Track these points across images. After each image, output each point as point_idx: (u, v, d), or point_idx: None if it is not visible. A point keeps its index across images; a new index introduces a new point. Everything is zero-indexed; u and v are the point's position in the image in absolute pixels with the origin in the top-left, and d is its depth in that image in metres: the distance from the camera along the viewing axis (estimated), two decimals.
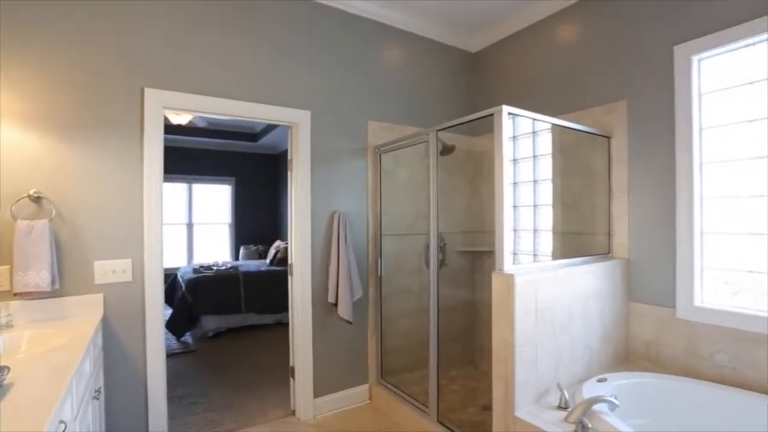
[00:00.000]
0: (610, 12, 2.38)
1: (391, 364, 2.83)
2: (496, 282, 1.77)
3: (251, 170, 7.38)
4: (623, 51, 2.31)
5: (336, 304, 2.54)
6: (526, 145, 2.91)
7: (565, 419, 1.69)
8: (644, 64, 2.22)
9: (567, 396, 1.81)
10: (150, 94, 2.05)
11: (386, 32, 2.90)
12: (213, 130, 6.26)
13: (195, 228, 6.92)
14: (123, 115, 2.00)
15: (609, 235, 2.35)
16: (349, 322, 2.53)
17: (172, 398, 2.77)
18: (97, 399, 1.68)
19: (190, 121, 4.67)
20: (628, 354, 2.30)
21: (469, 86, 3.33)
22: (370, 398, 2.79)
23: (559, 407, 1.80)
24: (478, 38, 3.23)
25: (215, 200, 7.14)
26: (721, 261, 1.99)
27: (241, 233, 7.24)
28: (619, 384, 1.97)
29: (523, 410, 1.78)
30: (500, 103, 1.76)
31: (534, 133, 2.84)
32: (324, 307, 2.61)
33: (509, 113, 1.78)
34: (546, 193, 2.72)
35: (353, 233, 2.71)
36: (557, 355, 1.93)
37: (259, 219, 7.40)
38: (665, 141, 2.13)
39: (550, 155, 2.68)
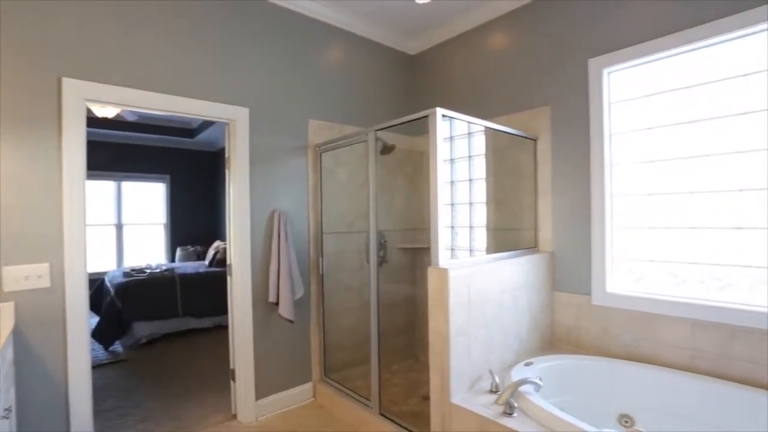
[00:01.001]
0: (536, 24, 2.57)
1: (334, 361, 2.86)
2: (431, 276, 1.87)
3: (187, 168, 7.03)
4: (547, 61, 2.51)
5: (277, 304, 2.52)
6: (462, 146, 3.06)
7: (495, 401, 1.82)
8: (565, 74, 2.42)
9: (498, 380, 1.94)
10: (69, 84, 1.91)
11: (328, 32, 2.91)
12: (145, 125, 5.88)
13: (125, 229, 6.47)
14: (38, 106, 1.85)
15: (536, 230, 2.55)
16: (291, 321, 2.53)
17: (99, 412, 2.60)
18: (7, 419, 1.54)
19: (118, 115, 4.37)
20: (553, 339, 2.50)
21: (409, 87, 3.43)
22: (314, 396, 2.80)
23: (491, 391, 1.93)
24: (417, 41, 3.34)
25: (148, 199, 6.72)
26: (628, 252, 2.23)
27: (177, 234, 6.88)
28: (543, 366, 2.15)
29: (459, 397, 1.89)
30: (438, 105, 1.85)
31: (470, 134, 2.99)
32: (265, 307, 2.58)
33: (443, 115, 1.88)
34: (481, 191, 2.88)
35: (294, 232, 2.70)
36: (489, 343, 2.07)
37: (196, 219, 7.08)
38: (582, 144, 2.34)
39: (484, 156, 2.84)
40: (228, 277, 2.55)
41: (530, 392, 1.82)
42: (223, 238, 6.32)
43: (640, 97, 2.17)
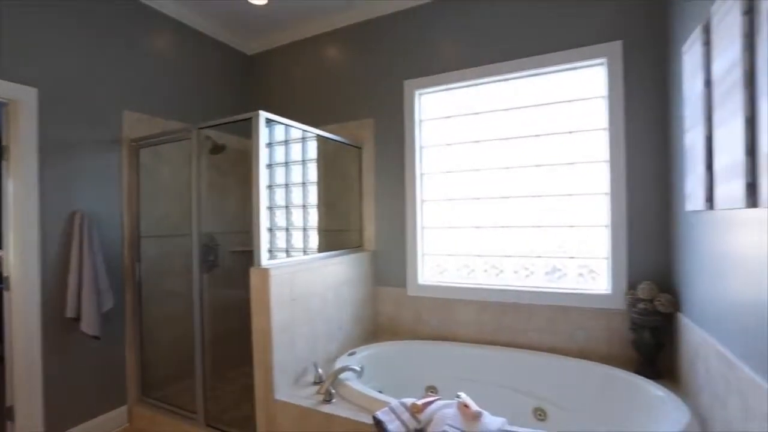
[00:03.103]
0: (364, 43, 2.82)
1: (156, 377, 2.61)
2: (253, 277, 1.89)
3: None
4: (373, 78, 2.78)
5: (78, 319, 2.19)
6: (297, 150, 3.14)
7: (317, 392, 1.94)
8: (386, 90, 2.72)
9: (321, 372, 2.07)
10: None
11: (155, 17, 2.65)
12: None
13: None
14: None
15: (361, 231, 2.79)
16: (97, 338, 2.22)
17: None
18: None
19: None
20: (376, 329, 2.77)
21: (245, 87, 3.36)
22: (130, 420, 2.50)
23: (315, 383, 2.05)
24: (255, 42, 3.29)
25: None
26: (434, 248, 2.64)
27: None
28: (366, 354, 2.37)
29: (283, 392, 1.95)
30: (275, 108, 1.88)
31: (304, 139, 3.09)
32: (61, 324, 2.20)
33: (267, 119, 1.92)
34: (313, 194, 3.01)
35: (103, 236, 2.38)
36: (314, 337, 2.19)
37: None
38: (399, 154, 2.67)
39: (316, 161, 2.97)
40: (5, 293, 2.10)
41: (350, 379, 2.00)
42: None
43: (442, 117, 2.60)
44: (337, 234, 2.86)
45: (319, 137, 2.93)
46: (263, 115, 1.88)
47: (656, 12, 2.03)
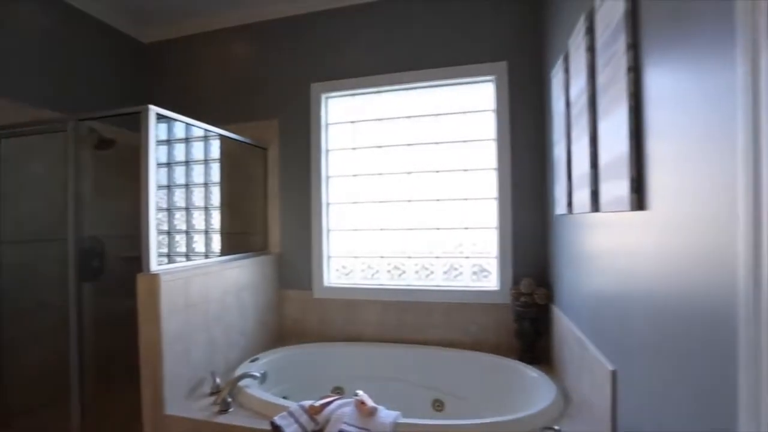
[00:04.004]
0: (273, 41, 2.75)
1: (20, 405, 2.26)
2: (141, 284, 1.75)
3: None
4: (280, 78, 2.73)
5: None
6: (199, 148, 2.96)
7: (214, 402, 1.85)
8: (293, 92, 2.69)
9: (218, 381, 1.98)
10: None
11: None
12: None
13: None
14: None
15: (266, 233, 2.73)
16: None
17: None
18: None
19: None
20: (282, 333, 2.72)
21: (139, 79, 3.08)
22: None
23: (212, 393, 1.95)
24: (152, 29, 3.02)
25: None
26: (339, 250, 2.67)
27: None
28: (269, 360, 2.32)
29: (175, 406, 1.82)
30: (173, 102, 1.75)
31: (206, 137, 2.93)
32: None
33: (158, 114, 1.79)
34: (216, 196, 2.86)
35: None
36: (212, 345, 2.08)
37: None
38: (305, 157, 2.66)
39: (219, 160, 2.83)
40: None
41: (250, 386, 1.94)
42: None
43: (348, 122, 2.65)
44: (240, 237, 2.76)
45: (222, 136, 2.80)
46: (153, 109, 1.75)
47: (535, 39, 2.30)
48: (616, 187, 1.08)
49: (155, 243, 1.76)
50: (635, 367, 1.07)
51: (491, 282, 2.40)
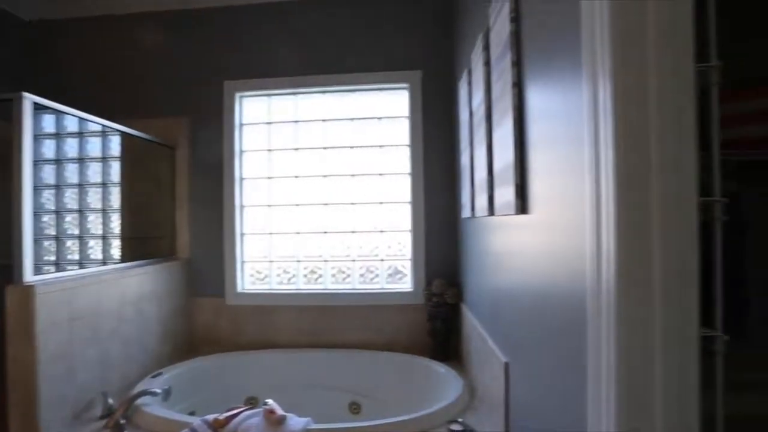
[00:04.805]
0: (187, 34, 2.57)
1: None
2: (10, 297, 1.53)
3: None
4: (192, 72, 2.56)
5: None
6: (96, 145, 2.68)
7: (105, 426, 1.68)
8: (206, 89, 2.55)
9: (111, 402, 1.79)
10: None
11: None
12: None
13: None
14: None
15: (174, 238, 2.54)
16: None
17: None
18: None
19: None
20: (192, 344, 2.55)
21: (20, 59, 2.69)
22: None
23: (103, 416, 1.77)
24: (37, 4, 2.66)
25: None
26: (254, 254, 2.57)
27: None
28: (175, 373, 2.16)
29: None
30: (63, 91, 1.54)
31: (104, 132, 2.66)
32: None
33: (38, 104, 1.59)
34: (115, 197, 2.61)
35: None
36: (105, 362, 1.89)
37: None
38: (218, 157, 2.53)
39: (119, 159, 2.59)
40: None
41: (149, 404, 1.79)
42: None
43: (264, 123, 2.57)
44: (145, 242, 2.54)
45: (123, 133, 2.57)
46: (29, 98, 1.55)
47: (447, 51, 2.42)
48: (505, 193, 1.17)
49: (30, 250, 1.56)
50: (523, 358, 1.16)
51: (406, 284, 2.46)
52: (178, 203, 2.54)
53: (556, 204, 0.88)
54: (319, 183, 2.53)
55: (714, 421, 0.92)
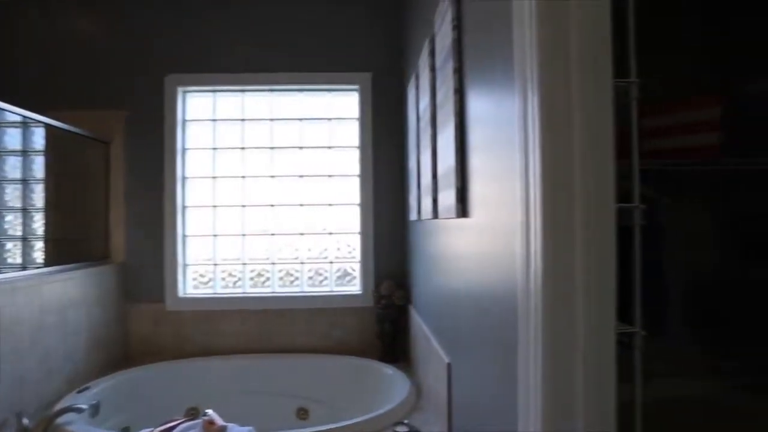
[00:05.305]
0: (125, 20, 2.40)
1: None
2: None
3: None
4: (130, 62, 2.39)
5: None
6: (16, 137, 2.44)
7: None
8: (145, 81, 2.39)
9: (26, 422, 1.63)
10: None
11: None
12: None
13: None
14: None
15: (107, 240, 2.37)
16: None
17: None
18: None
19: None
20: (128, 353, 2.38)
21: None
22: None
23: None
24: None
25: None
26: (198, 257, 2.46)
27: None
28: (107, 386, 2.02)
29: None
30: None
31: (25, 124, 2.43)
32: None
33: None
34: (39, 195, 2.39)
35: None
36: (20, 378, 1.72)
37: None
38: (158, 155, 2.39)
39: (44, 153, 2.37)
40: None
41: (73, 422, 1.65)
42: None
43: (209, 120, 2.47)
44: (73, 244, 2.34)
45: (48, 125, 2.36)
46: None
47: (397, 54, 2.45)
48: (448, 196, 1.19)
49: None
50: (464, 358, 1.19)
51: (355, 286, 2.45)
52: (113, 203, 2.37)
53: (494, 207, 0.91)
54: (267, 184, 2.46)
55: (633, 408, 0.98)
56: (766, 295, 1.57)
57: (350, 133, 2.47)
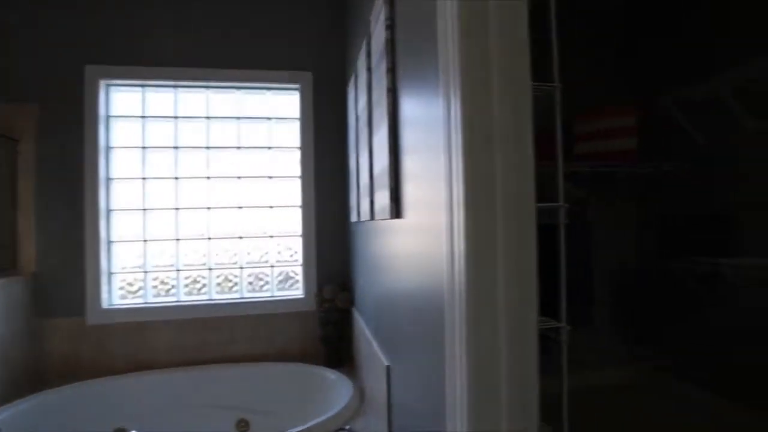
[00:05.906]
0: (41, 2, 2.17)
1: None
2: None
3: None
4: (44, 51, 2.16)
5: None
6: None
7: None
8: (60, 72, 2.18)
9: None
10: None
11: None
12: None
13: None
14: None
15: (14, 249, 2.13)
16: None
17: None
18: None
19: None
20: (42, 375, 2.15)
21: None
22: None
23: None
24: None
25: None
26: (124, 265, 2.28)
27: None
28: (13, 413, 1.81)
29: None
30: None
31: None
32: None
33: None
34: None
35: None
36: None
37: None
38: (77, 154, 2.18)
39: None
40: None
41: None
42: None
43: (137, 116, 2.29)
44: None
45: None
46: None
47: (338, 54, 2.42)
48: (383, 197, 1.18)
49: None
50: (402, 360, 1.18)
51: (297, 290, 2.39)
52: (22, 208, 2.14)
53: (424, 208, 0.91)
54: (203, 185, 2.33)
55: (560, 398, 1.02)
56: (678, 285, 1.71)
57: (291, 134, 2.40)
